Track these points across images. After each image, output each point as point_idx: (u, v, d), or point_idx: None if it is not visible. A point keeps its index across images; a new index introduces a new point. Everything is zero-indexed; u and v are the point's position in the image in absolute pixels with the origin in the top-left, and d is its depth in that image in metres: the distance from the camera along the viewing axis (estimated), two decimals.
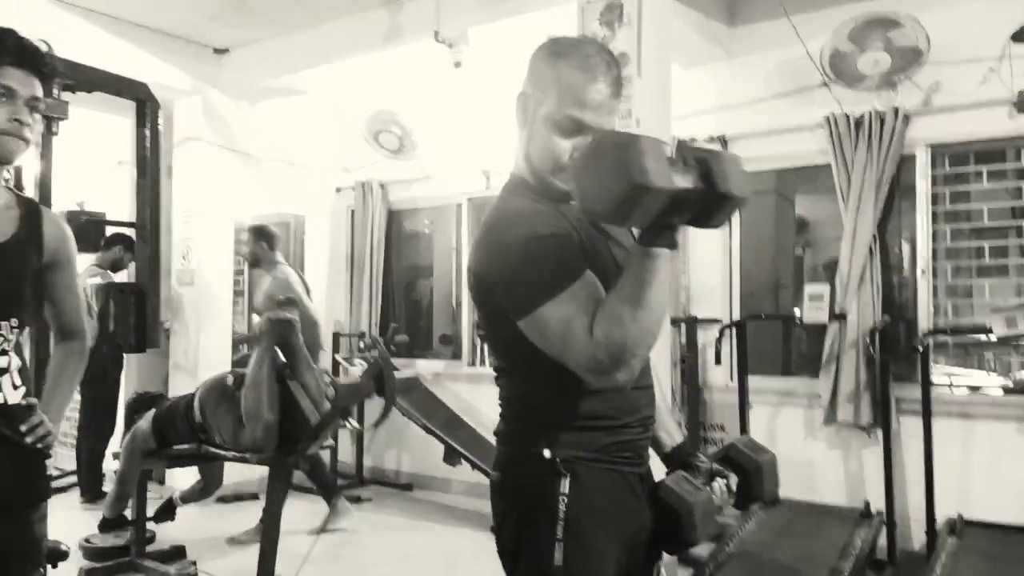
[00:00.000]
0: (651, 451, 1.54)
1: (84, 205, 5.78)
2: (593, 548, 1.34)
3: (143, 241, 2.87)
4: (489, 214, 1.41)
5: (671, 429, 1.60)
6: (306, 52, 4.94)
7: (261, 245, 4.68)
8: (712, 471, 1.51)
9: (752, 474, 1.51)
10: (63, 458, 5.95)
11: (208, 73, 5.28)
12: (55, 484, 5.45)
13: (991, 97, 3.76)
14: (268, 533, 3.30)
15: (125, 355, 5.43)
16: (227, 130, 5.45)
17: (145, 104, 2.81)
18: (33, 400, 1.76)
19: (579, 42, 1.43)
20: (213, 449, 3.37)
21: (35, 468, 1.79)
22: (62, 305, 1.89)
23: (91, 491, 5.02)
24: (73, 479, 5.34)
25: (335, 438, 5.29)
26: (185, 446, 3.49)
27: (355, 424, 3.62)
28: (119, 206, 5.88)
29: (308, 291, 4.82)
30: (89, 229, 3.83)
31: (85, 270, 5.15)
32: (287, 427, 3.30)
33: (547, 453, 1.35)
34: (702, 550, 4.00)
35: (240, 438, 3.25)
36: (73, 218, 5.53)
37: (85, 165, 6.03)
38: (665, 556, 1.53)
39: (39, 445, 1.74)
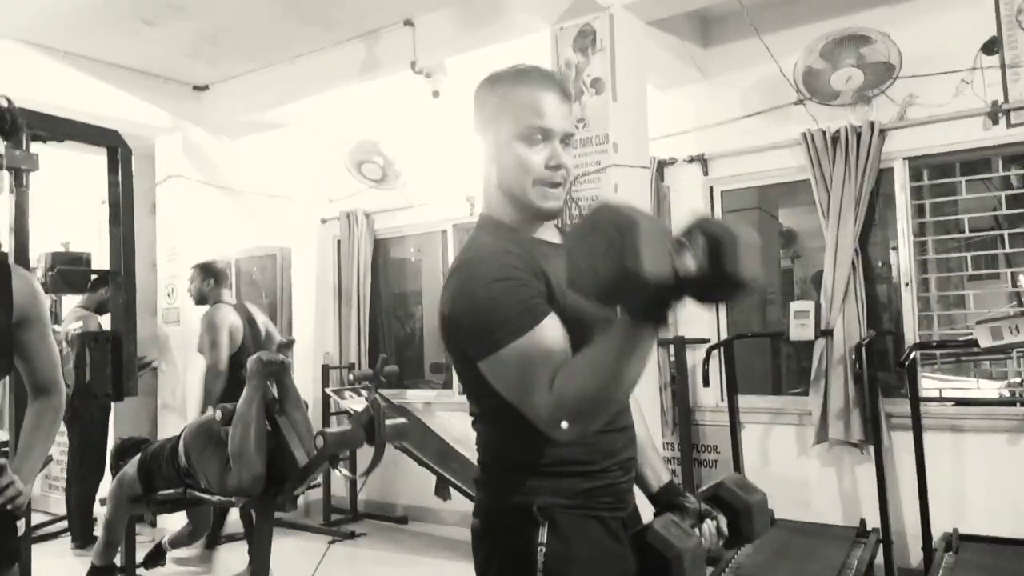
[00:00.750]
0: (637, 489, 1.52)
1: (70, 246, 5.77)
2: None
3: (118, 288, 2.84)
4: (457, 255, 1.41)
5: (657, 467, 1.57)
6: (284, 86, 4.95)
7: (208, 282, 4.58)
8: (701, 512, 1.48)
9: (742, 514, 1.49)
10: (55, 503, 5.90)
11: (188, 110, 5.29)
12: (47, 530, 5.45)
13: (966, 108, 3.78)
14: (258, 571, 3.26)
15: None
16: (209, 166, 5.45)
17: (117, 151, 2.80)
18: (2, 461, 1.74)
19: (515, 67, 1.43)
20: (198, 493, 3.32)
21: (2, 530, 1.76)
22: (35, 362, 1.87)
23: (82, 536, 4.97)
24: (64, 524, 5.29)
25: (327, 476, 5.25)
26: (171, 491, 3.44)
27: (346, 472, 3.57)
28: (104, 246, 5.87)
29: (253, 324, 4.61)
30: (74, 271, 3.80)
31: (70, 312, 5.14)
32: (274, 468, 3.26)
33: (524, 501, 1.33)
34: None
35: (227, 481, 3.20)
36: (58, 259, 5.52)
37: (70, 205, 6.03)
38: None
39: (8, 507, 1.71)
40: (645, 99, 3.85)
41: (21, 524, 1.82)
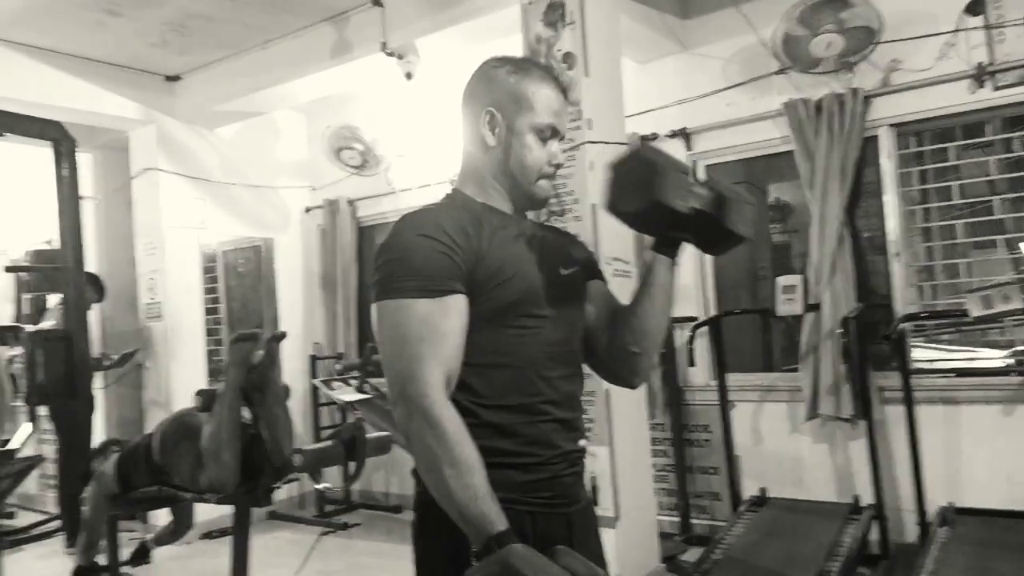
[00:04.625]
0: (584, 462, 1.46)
1: (53, 243, 5.70)
2: None
3: (67, 284, 2.76)
4: None
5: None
6: (257, 73, 4.85)
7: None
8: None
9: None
10: (47, 501, 5.88)
11: (161, 101, 5.19)
12: (42, 529, 5.43)
13: (950, 72, 3.66)
14: (237, 571, 3.21)
15: (99, 394, 5.38)
16: (186, 157, 5.36)
17: (60, 143, 2.70)
18: None
19: (527, 60, 1.51)
20: (172, 490, 3.27)
21: None
22: None
23: (74, 536, 4.92)
24: (59, 523, 5.26)
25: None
26: (148, 489, 3.38)
27: (325, 486, 3.52)
28: (85, 241, 5.80)
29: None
30: (54, 268, 3.73)
31: (50, 310, 5.07)
32: (250, 463, 3.20)
33: None
34: (690, 556, 3.92)
35: (199, 478, 3.14)
36: (40, 257, 5.47)
37: (51, 201, 5.96)
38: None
39: None
40: (620, 73, 3.74)
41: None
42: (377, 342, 1.28)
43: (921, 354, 4.02)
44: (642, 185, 1.29)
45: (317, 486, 2.73)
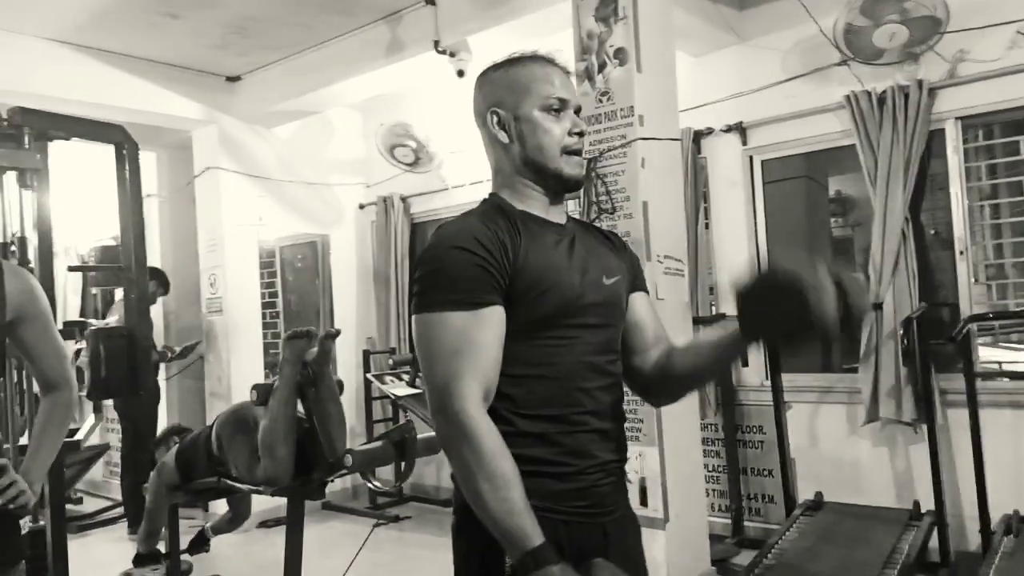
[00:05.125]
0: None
1: (119, 239, 5.91)
2: None
3: (130, 284, 2.85)
4: None
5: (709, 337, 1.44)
6: (312, 73, 4.93)
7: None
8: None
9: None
10: (113, 488, 6.11)
11: (222, 101, 5.33)
12: (106, 515, 5.64)
13: (1022, 62, 3.50)
14: (290, 564, 3.27)
15: (164, 385, 5.57)
16: (245, 156, 5.49)
17: (123, 147, 2.79)
18: (3, 461, 1.75)
19: (515, 55, 1.46)
20: (230, 482, 3.35)
21: (6, 530, 1.77)
22: (40, 359, 1.87)
23: (137, 522, 5.10)
24: (121, 510, 5.47)
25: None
26: (207, 480, 3.47)
27: (377, 484, 3.56)
28: (151, 239, 6.00)
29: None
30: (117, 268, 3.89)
31: (116, 304, 5.26)
32: (304, 458, 3.26)
33: None
34: (741, 559, 3.86)
35: (255, 471, 3.22)
36: (106, 253, 5.66)
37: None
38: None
39: (10, 507, 1.72)
40: (673, 68, 3.69)
41: (25, 523, 1.83)
42: (417, 354, 1.28)
43: (987, 353, 3.87)
44: (801, 315, 1.19)
45: (369, 484, 2.78)
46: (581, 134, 1.39)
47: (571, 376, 1.32)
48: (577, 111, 1.41)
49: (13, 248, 2.57)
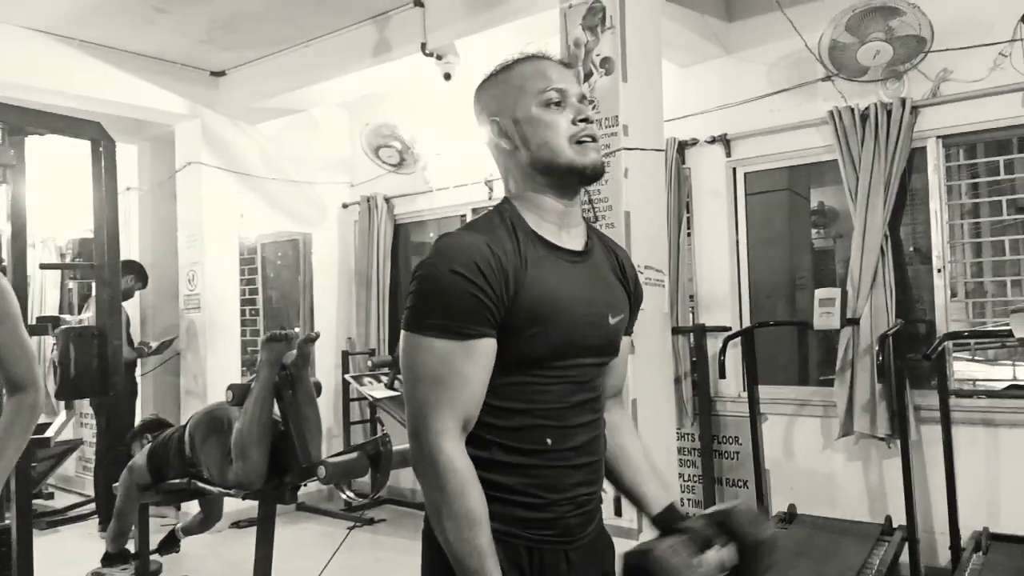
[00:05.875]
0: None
1: None
2: None
3: (102, 283, 2.81)
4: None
5: (657, 489, 1.46)
6: (298, 71, 4.89)
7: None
8: (707, 539, 1.31)
9: (749, 551, 1.32)
10: (85, 484, 6.03)
11: (206, 96, 5.27)
12: (78, 511, 5.57)
13: (1004, 83, 3.54)
14: (260, 567, 3.24)
15: (140, 381, 5.50)
16: (228, 152, 5.44)
17: (99, 143, 2.75)
18: None
19: (505, 61, 1.39)
20: (202, 484, 3.32)
21: None
22: (8, 361, 1.83)
23: (108, 519, 5.02)
24: (92, 507, 5.40)
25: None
26: (178, 481, 3.44)
27: (350, 494, 3.54)
28: (130, 233, 5.94)
29: None
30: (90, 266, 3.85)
31: (91, 299, 5.19)
32: (277, 460, 3.23)
33: None
34: None
35: (226, 473, 3.19)
36: (84, 246, 5.59)
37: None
38: None
39: None
40: (659, 78, 3.69)
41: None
42: (401, 369, 1.26)
43: (963, 368, 3.90)
44: None
45: (343, 495, 2.76)
46: (588, 120, 1.31)
47: (556, 414, 1.29)
48: (581, 99, 1.33)
49: None
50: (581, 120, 1.31)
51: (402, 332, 1.24)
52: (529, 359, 1.25)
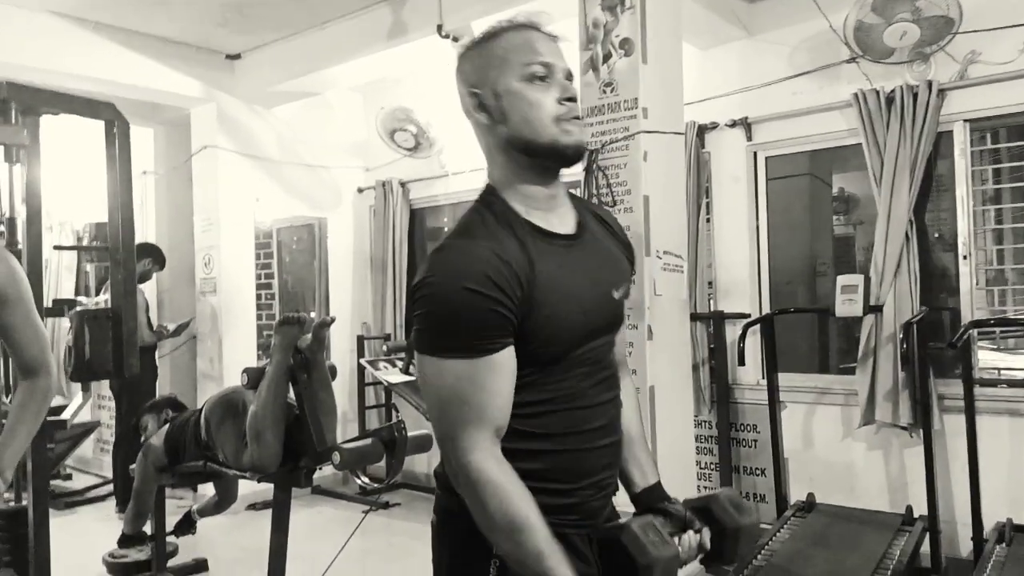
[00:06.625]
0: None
1: None
2: None
3: (116, 265, 2.80)
4: (450, 230, 1.28)
5: (645, 466, 1.44)
6: (313, 54, 4.86)
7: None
8: (686, 520, 1.33)
9: (729, 535, 1.34)
10: (103, 465, 6.08)
11: (222, 80, 5.25)
12: (96, 492, 5.62)
13: None
14: (276, 550, 3.25)
15: (157, 364, 5.52)
16: (244, 135, 5.42)
17: (113, 125, 2.73)
18: None
19: (490, 28, 1.31)
20: (217, 467, 3.32)
21: None
22: (19, 344, 1.83)
23: (126, 501, 5.05)
24: (110, 488, 5.44)
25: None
26: (194, 463, 3.45)
27: (365, 480, 3.52)
28: (147, 216, 5.95)
29: None
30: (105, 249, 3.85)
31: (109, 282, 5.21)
32: (292, 444, 3.22)
33: None
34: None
35: (241, 456, 3.19)
36: (101, 230, 5.62)
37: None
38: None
39: None
40: (680, 60, 3.62)
41: (8, 502, 1.80)
42: (422, 393, 1.22)
43: (987, 357, 3.84)
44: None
45: (358, 481, 2.75)
46: (573, 99, 1.25)
47: (577, 398, 1.27)
48: (568, 76, 1.27)
49: (1, 228, 2.52)
50: (567, 99, 1.24)
51: (418, 355, 1.20)
52: (546, 355, 1.23)
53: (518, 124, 1.24)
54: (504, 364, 1.18)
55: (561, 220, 1.31)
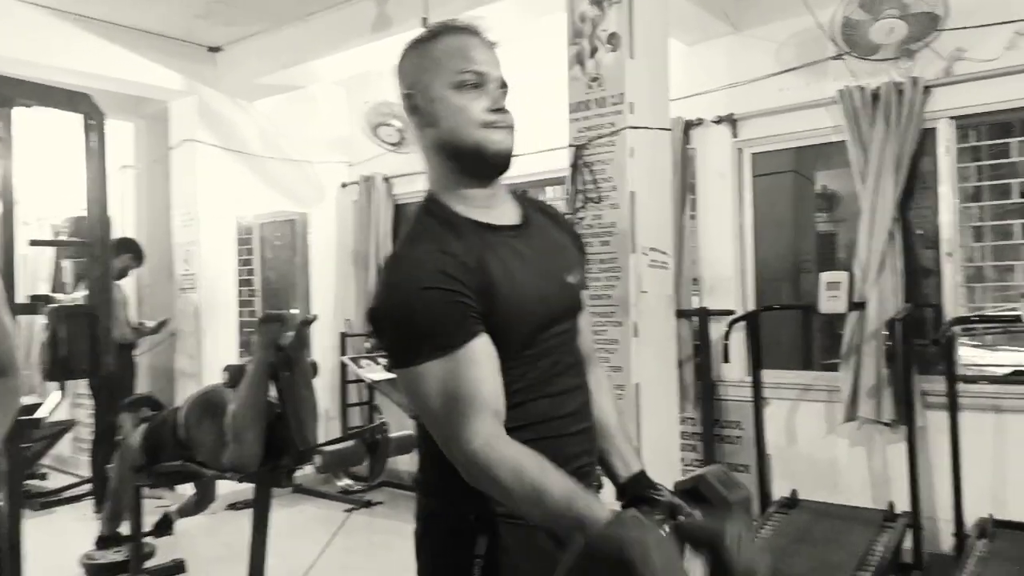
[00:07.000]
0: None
1: None
2: None
3: (93, 260, 2.73)
4: (397, 242, 1.28)
5: (627, 456, 1.42)
6: (296, 47, 4.80)
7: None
8: (672, 506, 1.29)
9: (721, 514, 1.30)
10: (80, 464, 5.98)
11: (203, 72, 5.18)
12: (73, 492, 5.52)
13: (1020, 63, 3.45)
14: (256, 550, 3.20)
15: (136, 361, 5.44)
16: (225, 129, 5.35)
17: (90, 116, 2.67)
18: None
19: (430, 27, 1.33)
20: (195, 467, 3.27)
21: None
22: None
23: (103, 501, 5.00)
24: (88, 487, 5.35)
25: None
26: (172, 463, 3.39)
27: (347, 482, 3.49)
28: (126, 211, 5.86)
29: None
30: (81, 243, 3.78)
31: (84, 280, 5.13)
32: (273, 443, 3.18)
33: (462, 510, 1.23)
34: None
35: (221, 456, 3.13)
36: (79, 224, 5.52)
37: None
38: None
39: None
40: (667, 55, 3.60)
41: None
42: (412, 407, 1.21)
43: (970, 354, 3.85)
44: None
45: (339, 483, 2.72)
46: (501, 110, 1.25)
47: (546, 385, 1.28)
48: (502, 86, 1.27)
49: None
50: (495, 110, 1.25)
51: (396, 371, 1.19)
52: (512, 344, 1.22)
53: (446, 132, 1.25)
54: (482, 350, 1.17)
55: (503, 214, 1.32)
